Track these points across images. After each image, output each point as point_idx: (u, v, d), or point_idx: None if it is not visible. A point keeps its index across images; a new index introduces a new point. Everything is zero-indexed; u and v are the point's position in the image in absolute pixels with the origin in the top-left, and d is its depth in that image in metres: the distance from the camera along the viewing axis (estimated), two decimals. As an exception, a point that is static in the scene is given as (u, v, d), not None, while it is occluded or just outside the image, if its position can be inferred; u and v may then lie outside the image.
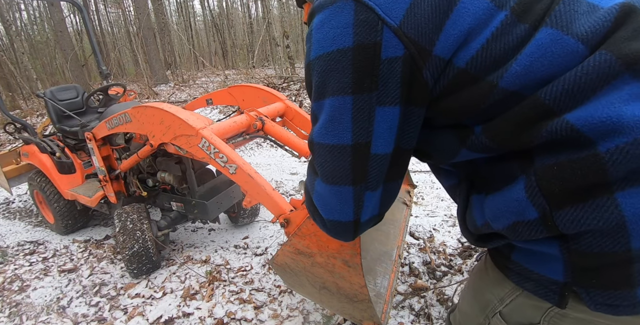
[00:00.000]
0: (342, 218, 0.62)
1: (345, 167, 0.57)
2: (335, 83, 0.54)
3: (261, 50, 15.52)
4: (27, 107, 9.10)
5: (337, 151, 0.57)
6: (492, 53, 0.50)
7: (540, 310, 0.62)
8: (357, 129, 0.55)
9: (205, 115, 5.95)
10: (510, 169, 0.55)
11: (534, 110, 0.49)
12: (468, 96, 0.53)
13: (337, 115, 0.56)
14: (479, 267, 0.79)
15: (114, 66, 14.08)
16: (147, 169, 2.25)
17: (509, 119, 0.51)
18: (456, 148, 0.58)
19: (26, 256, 2.61)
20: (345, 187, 0.59)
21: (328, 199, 0.62)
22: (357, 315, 1.24)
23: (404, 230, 1.91)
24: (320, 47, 0.55)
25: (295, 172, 3.91)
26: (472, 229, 0.65)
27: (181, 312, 1.89)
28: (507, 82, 0.49)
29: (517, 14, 0.50)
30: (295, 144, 1.81)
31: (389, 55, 0.51)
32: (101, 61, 3.36)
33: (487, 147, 0.54)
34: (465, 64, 0.51)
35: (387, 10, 0.50)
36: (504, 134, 0.52)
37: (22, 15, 15.46)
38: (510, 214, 0.54)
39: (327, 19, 0.54)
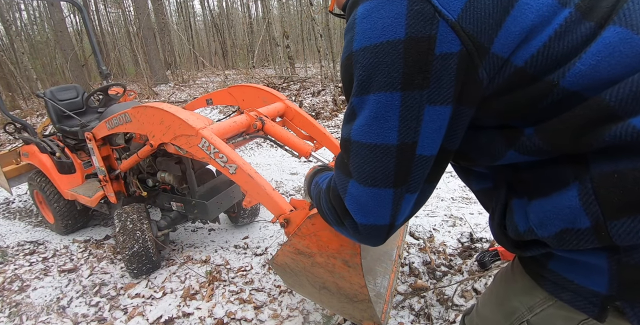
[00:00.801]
0: (378, 221, 0.59)
1: (388, 168, 0.54)
2: (383, 78, 0.50)
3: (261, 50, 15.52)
4: (27, 107, 9.10)
5: (380, 151, 0.54)
6: (554, 52, 0.47)
7: (572, 321, 0.60)
8: (404, 128, 0.52)
9: (205, 115, 5.95)
10: (561, 174, 0.52)
11: (596, 113, 0.45)
12: (524, 96, 0.50)
13: (383, 112, 0.52)
14: (505, 272, 0.76)
15: (114, 66, 14.08)
16: (147, 169, 2.25)
17: (568, 120, 0.47)
18: (502, 150, 0.55)
19: (26, 256, 2.61)
20: (385, 189, 0.56)
21: (365, 202, 0.58)
22: (357, 315, 1.24)
23: (404, 230, 1.91)
24: (366, 38, 0.51)
25: (295, 172, 3.91)
26: (512, 235, 0.60)
27: (181, 312, 1.89)
28: (570, 82, 0.47)
29: (582, 11, 0.47)
30: (295, 144, 1.80)
31: (443, 50, 0.48)
32: (101, 61, 3.36)
33: (539, 150, 0.51)
34: (525, 62, 0.48)
35: (444, 1, 0.47)
36: (561, 136, 0.48)
37: (22, 15, 15.47)
38: (560, 221, 0.51)
39: (376, 8, 0.50)
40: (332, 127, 5.44)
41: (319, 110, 6.07)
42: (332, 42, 9.70)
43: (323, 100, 6.52)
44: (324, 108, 6.15)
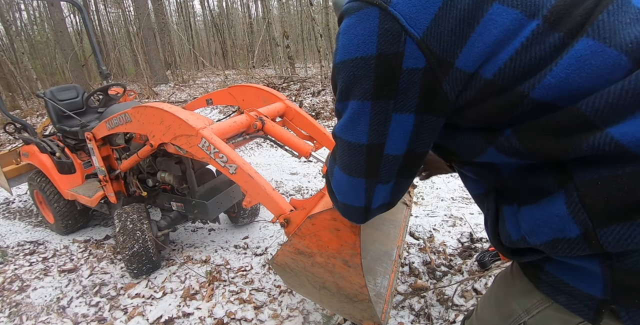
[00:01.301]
0: (354, 203, 0.68)
1: (360, 162, 0.62)
2: (358, 89, 0.57)
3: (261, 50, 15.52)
4: (27, 107, 9.10)
5: (353, 148, 0.62)
6: (522, 64, 0.49)
7: (568, 324, 0.62)
8: (373, 131, 0.58)
9: (205, 115, 5.95)
10: (543, 182, 0.54)
11: (571, 121, 0.47)
12: (496, 105, 0.52)
13: (356, 117, 0.59)
14: (504, 275, 0.78)
15: (114, 66, 14.08)
16: (147, 169, 2.25)
17: (542, 125, 0.50)
18: (483, 146, 0.58)
19: (26, 256, 2.61)
20: (358, 179, 0.64)
21: (343, 186, 0.67)
22: (357, 315, 1.24)
23: (404, 230, 1.91)
24: (345, 52, 0.57)
25: (295, 172, 3.91)
26: (506, 243, 0.63)
27: (181, 312, 1.89)
28: (540, 94, 0.48)
29: (550, 22, 0.48)
30: (295, 144, 1.81)
31: (410, 66, 0.52)
32: (101, 61, 3.36)
33: (516, 151, 0.53)
34: (493, 75, 0.50)
35: (411, 20, 0.50)
36: (536, 139, 0.50)
37: (22, 15, 15.46)
38: (550, 230, 0.53)
39: (354, 24, 0.55)
40: (332, 127, 5.44)
41: (319, 110, 6.07)
42: (332, 42, 9.70)
43: (323, 100, 6.53)
44: (324, 108, 6.15)
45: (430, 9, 0.50)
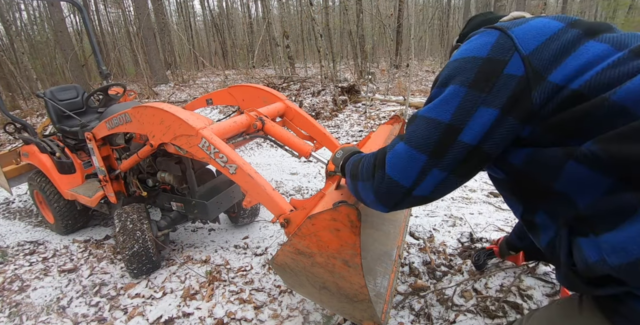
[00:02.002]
0: (401, 180, 0.71)
1: (432, 138, 0.67)
2: (461, 77, 0.67)
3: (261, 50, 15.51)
4: (27, 107, 9.10)
5: (433, 124, 0.68)
6: (607, 77, 0.58)
7: None
8: (457, 114, 0.66)
9: (205, 115, 5.95)
10: (624, 202, 0.54)
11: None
12: (579, 110, 0.59)
13: (449, 98, 0.67)
14: (568, 302, 0.74)
15: (114, 66, 14.08)
16: (147, 169, 2.25)
17: (623, 131, 0.53)
18: (562, 161, 0.61)
19: (26, 256, 2.61)
20: (421, 154, 0.68)
21: (401, 158, 0.71)
22: (357, 315, 1.24)
23: (404, 230, 1.91)
24: (461, 52, 0.70)
25: (295, 172, 3.91)
26: (582, 269, 0.60)
27: (181, 312, 1.89)
28: (619, 96, 0.54)
29: (635, 53, 0.58)
30: (295, 144, 1.80)
31: (510, 72, 0.64)
32: (101, 61, 3.36)
33: (597, 159, 0.55)
34: (580, 86, 0.60)
35: (522, 42, 0.64)
36: (618, 145, 0.53)
37: (22, 15, 15.45)
38: (636, 247, 0.50)
39: (476, 38, 0.70)
40: (332, 127, 5.44)
41: (319, 110, 6.07)
42: (332, 42, 9.70)
43: (323, 100, 6.52)
44: (324, 108, 6.15)
45: (540, 38, 0.64)
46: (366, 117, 5.63)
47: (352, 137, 4.95)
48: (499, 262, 1.95)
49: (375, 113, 5.75)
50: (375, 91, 6.93)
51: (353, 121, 5.57)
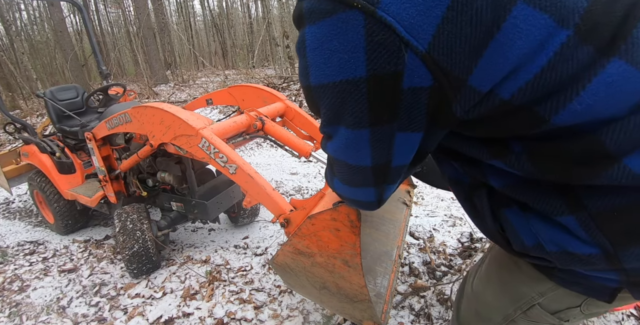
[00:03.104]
0: (365, 199, 0.62)
1: (367, 178, 0.56)
2: (349, 116, 0.47)
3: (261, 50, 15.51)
4: (27, 107, 9.09)
5: (357, 169, 0.55)
6: (546, 84, 0.41)
7: (581, 298, 0.63)
8: (377, 154, 0.51)
9: (205, 115, 5.95)
10: (551, 203, 0.51)
11: (591, 149, 0.43)
12: (511, 124, 0.46)
13: (353, 144, 0.50)
14: (507, 261, 0.75)
15: (114, 66, 14.08)
16: (147, 169, 2.25)
17: (560, 150, 0.45)
18: (487, 157, 0.53)
19: (26, 256, 2.61)
20: (366, 188, 0.59)
21: (350, 194, 0.63)
22: (357, 315, 1.24)
23: (404, 230, 1.91)
24: (322, 75, 0.45)
25: (295, 172, 3.91)
26: (518, 249, 0.60)
27: (181, 312, 1.89)
28: (563, 120, 0.42)
29: (581, 33, 0.39)
30: (295, 144, 1.80)
31: (412, 84, 0.41)
32: (101, 61, 3.36)
33: (524, 169, 0.49)
34: (511, 96, 0.42)
35: (411, 28, 0.37)
36: (551, 163, 0.47)
37: (22, 15, 15.46)
38: (567, 244, 0.52)
39: (327, 37, 0.41)
40: (332, 127, 5.44)
41: (319, 110, 6.06)
42: (332, 42, 9.67)
43: (323, 100, 6.52)
44: (324, 108, 6.14)
45: (436, 11, 0.37)
46: (366, 117, 5.62)
47: (352, 137, 4.95)
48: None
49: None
50: (375, 91, 6.92)
51: (353, 121, 5.56)
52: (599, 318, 1.58)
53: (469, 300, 0.88)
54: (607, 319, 1.58)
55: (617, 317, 1.59)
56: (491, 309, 0.80)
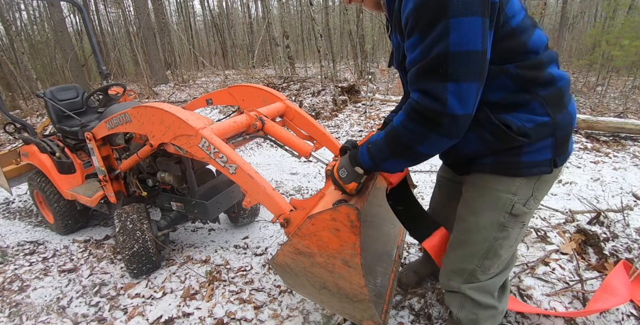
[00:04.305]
0: (468, 111, 0.84)
1: (477, 66, 0.81)
2: (475, 5, 0.77)
3: (261, 50, 15.51)
4: (27, 107, 9.09)
5: (473, 55, 0.80)
6: (524, 25, 0.92)
7: (531, 183, 1.03)
8: (484, 40, 0.80)
9: (205, 115, 5.95)
10: (522, 98, 0.95)
11: (542, 62, 0.95)
12: (511, 44, 0.90)
13: (474, 29, 0.78)
14: (481, 188, 1.08)
15: (114, 66, 14.08)
16: (147, 169, 2.25)
17: (532, 65, 0.94)
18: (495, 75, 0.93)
19: (26, 256, 2.61)
20: (472, 83, 0.82)
21: (465, 95, 0.82)
22: (357, 315, 1.24)
23: (404, 230, 1.91)
24: None
25: (295, 172, 3.91)
26: (516, 133, 0.95)
27: (181, 312, 1.89)
28: (532, 44, 0.93)
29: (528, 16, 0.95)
30: (295, 144, 1.80)
31: (495, 0, 0.81)
32: (101, 61, 3.36)
33: (517, 75, 0.93)
34: (515, 25, 0.89)
35: None
36: (527, 71, 0.93)
37: (22, 15, 15.44)
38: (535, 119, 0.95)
39: None
40: (332, 127, 5.44)
41: (319, 110, 6.06)
42: (332, 42, 9.70)
43: (323, 100, 6.52)
44: (324, 108, 6.14)
45: None
46: (366, 117, 5.63)
47: (352, 137, 4.95)
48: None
49: (375, 113, 5.75)
50: (375, 91, 6.93)
51: (353, 121, 5.57)
52: (598, 318, 1.58)
53: (459, 242, 1.14)
54: (607, 319, 1.58)
55: (617, 317, 1.59)
56: (485, 227, 1.07)
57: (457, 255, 1.16)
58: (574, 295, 1.73)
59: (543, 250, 2.06)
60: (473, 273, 1.13)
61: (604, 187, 3.00)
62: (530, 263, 1.94)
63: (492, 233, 1.07)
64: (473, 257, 1.11)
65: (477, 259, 1.11)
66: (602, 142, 4.10)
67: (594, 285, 1.77)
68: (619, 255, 1.86)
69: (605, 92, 6.38)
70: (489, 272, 1.13)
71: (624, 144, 3.99)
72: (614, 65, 6.37)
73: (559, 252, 2.02)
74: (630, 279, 1.66)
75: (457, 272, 1.16)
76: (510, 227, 1.07)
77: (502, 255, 1.11)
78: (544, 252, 2.04)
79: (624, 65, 6.23)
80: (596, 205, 2.57)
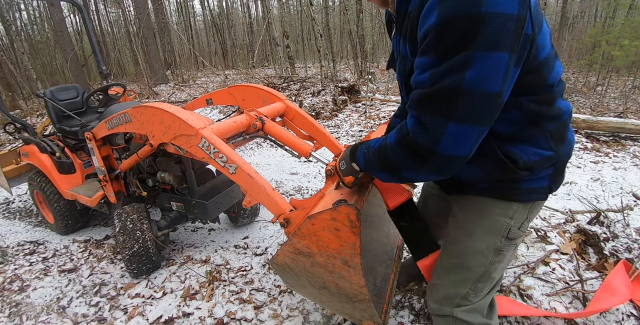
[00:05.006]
0: (465, 152, 0.76)
1: (488, 110, 0.72)
2: (504, 41, 0.67)
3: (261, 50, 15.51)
4: (27, 107, 9.09)
5: (488, 97, 0.70)
6: (549, 56, 0.84)
7: (527, 207, 1.02)
8: (505, 81, 0.70)
9: (205, 115, 5.95)
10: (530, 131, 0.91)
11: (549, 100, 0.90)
12: (532, 79, 0.82)
13: (495, 67, 0.68)
14: (478, 210, 1.05)
15: (114, 66, 14.08)
16: (147, 169, 2.25)
17: (543, 100, 0.89)
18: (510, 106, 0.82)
19: (26, 256, 2.61)
20: (478, 127, 0.73)
21: (463, 137, 0.73)
22: (357, 315, 1.24)
23: (404, 230, 1.90)
24: (488, 3, 0.64)
25: (295, 172, 3.91)
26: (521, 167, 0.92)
27: (181, 312, 1.89)
28: (552, 79, 0.86)
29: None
30: (295, 144, 1.80)
31: (528, 31, 0.70)
32: (101, 61, 3.36)
33: (528, 109, 0.87)
34: (544, 58, 0.81)
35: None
36: (538, 106, 0.88)
37: (22, 15, 15.44)
38: (540, 152, 0.92)
39: None
40: (332, 127, 5.44)
41: (319, 110, 6.06)
42: (332, 42, 9.70)
43: (323, 100, 6.52)
44: (324, 108, 6.14)
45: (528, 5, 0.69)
46: (366, 117, 5.63)
47: (352, 137, 4.95)
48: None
49: (375, 113, 5.75)
50: (375, 91, 6.93)
51: (353, 121, 5.57)
52: (598, 318, 1.58)
53: (454, 266, 1.11)
54: (607, 319, 1.58)
55: (617, 317, 1.59)
56: (482, 251, 1.05)
57: (451, 280, 1.11)
58: (574, 295, 1.73)
59: (543, 250, 2.06)
60: (466, 296, 1.10)
61: (604, 187, 2.99)
62: (530, 263, 1.94)
63: (488, 257, 1.05)
64: (467, 282, 1.09)
65: (471, 284, 1.08)
66: (602, 142, 4.10)
67: (594, 285, 1.77)
68: (619, 255, 1.86)
69: (605, 92, 6.38)
70: (480, 294, 1.11)
71: (624, 144, 3.99)
72: (614, 65, 6.37)
73: (559, 252, 2.02)
74: (630, 279, 1.66)
75: (449, 297, 1.13)
76: (505, 251, 1.05)
77: (495, 278, 1.10)
78: (544, 252, 2.04)
79: (624, 65, 6.24)
80: (596, 205, 2.57)
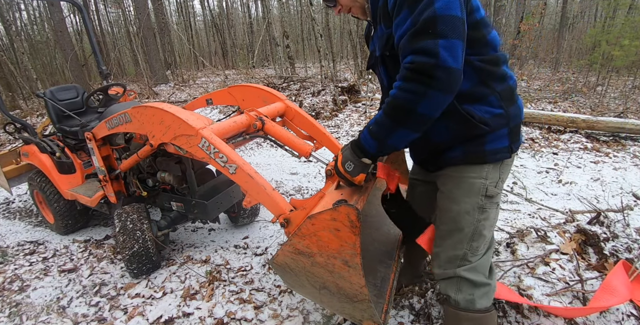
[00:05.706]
0: (457, 65, 0.93)
1: (459, 28, 0.94)
2: None
3: (261, 50, 15.51)
4: (27, 107, 9.09)
5: (456, 19, 0.93)
6: (485, 20, 1.07)
7: (497, 167, 1.19)
8: (462, 10, 0.94)
9: (205, 115, 5.95)
10: (483, 91, 1.11)
11: (500, 59, 1.12)
12: (476, 35, 1.04)
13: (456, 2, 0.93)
14: (456, 179, 1.21)
15: (114, 66, 14.07)
16: (147, 169, 2.25)
17: (491, 59, 1.11)
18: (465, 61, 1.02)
19: (26, 256, 2.61)
20: (457, 40, 0.93)
21: (454, 50, 0.92)
22: (357, 315, 1.24)
23: (404, 230, 1.90)
24: None
25: (295, 172, 3.91)
26: (478, 121, 1.11)
27: (181, 312, 1.89)
28: (491, 38, 1.09)
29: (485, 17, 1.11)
30: (295, 144, 1.80)
31: None
32: (101, 61, 3.36)
33: (479, 68, 1.09)
34: (480, 18, 1.05)
35: None
36: (487, 64, 1.09)
37: (22, 15, 15.44)
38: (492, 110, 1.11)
39: None
40: (332, 127, 5.44)
41: (319, 110, 6.06)
42: (332, 42, 9.70)
43: (323, 100, 6.52)
44: (324, 108, 6.14)
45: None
46: (366, 117, 5.63)
47: (352, 137, 4.95)
48: (498, 261, 1.95)
49: (375, 113, 5.75)
50: (375, 91, 6.93)
51: (353, 121, 5.57)
52: (598, 318, 1.58)
53: (448, 232, 1.25)
54: (607, 319, 1.58)
55: (617, 317, 1.59)
56: (468, 211, 1.20)
57: (447, 244, 1.25)
58: (574, 295, 1.73)
59: (543, 250, 2.06)
60: (464, 257, 1.24)
61: (604, 187, 3.00)
62: (530, 263, 1.94)
63: (474, 216, 1.20)
64: (462, 243, 1.23)
65: (466, 243, 1.23)
66: (602, 142, 4.10)
67: (594, 285, 1.77)
68: (619, 255, 1.86)
69: (605, 92, 6.38)
70: (477, 253, 1.24)
71: (624, 144, 3.99)
72: (614, 65, 6.37)
73: (559, 252, 2.02)
74: (630, 279, 1.66)
75: (450, 259, 1.25)
76: (488, 208, 1.21)
77: (486, 236, 1.24)
78: (544, 252, 2.04)
79: (624, 65, 6.24)
80: (596, 205, 2.57)
